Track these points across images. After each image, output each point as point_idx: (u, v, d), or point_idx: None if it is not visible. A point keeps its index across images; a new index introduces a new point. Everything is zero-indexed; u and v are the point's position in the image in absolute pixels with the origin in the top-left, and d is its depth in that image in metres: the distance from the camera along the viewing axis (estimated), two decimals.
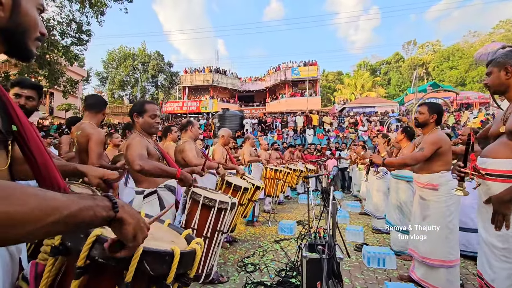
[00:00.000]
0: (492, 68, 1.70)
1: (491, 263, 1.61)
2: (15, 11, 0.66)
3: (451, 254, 2.39)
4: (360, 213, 6.08)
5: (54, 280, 0.72)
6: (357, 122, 16.76)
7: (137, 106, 2.12)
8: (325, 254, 1.59)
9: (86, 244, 0.65)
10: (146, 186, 2.03)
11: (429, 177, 2.51)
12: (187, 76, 29.98)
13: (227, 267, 3.05)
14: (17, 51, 0.72)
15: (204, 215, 1.97)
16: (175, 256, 0.71)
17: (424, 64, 38.38)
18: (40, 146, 0.76)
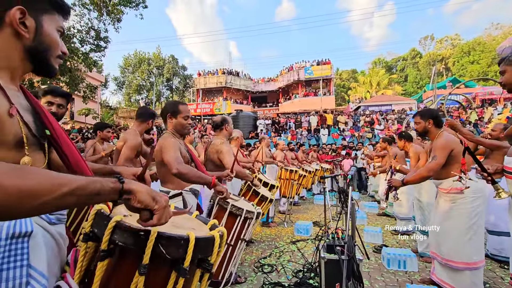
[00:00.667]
0: (505, 67, 1.66)
1: None
2: (38, 32, 0.76)
3: (476, 256, 2.29)
4: (378, 214, 5.94)
5: (90, 264, 0.79)
6: (373, 121, 16.37)
7: (171, 106, 2.14)
8: (345, 255, 1.56)
9: (107, 229, 0.71)
10: (172, 187, 2.04)
11: (451, 182, 2.39)
12: (201, 78, 30.38)
13: (244, 268, 3.06)
14: (42, 68, 0.82)
15: (230, 223, 1.93)
16: (190, 240, 0.74)
17: (443, 59, 37.03)
18: (71, 147, 0.86)
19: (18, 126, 0.72)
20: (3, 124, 0.68)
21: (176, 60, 33.65)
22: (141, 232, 0.71)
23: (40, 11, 0.77)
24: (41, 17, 0.77)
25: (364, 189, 9.50)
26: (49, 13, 0.80)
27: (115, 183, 0.64)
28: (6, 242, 0.71)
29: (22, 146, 0.73)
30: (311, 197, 8.30)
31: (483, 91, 18.34)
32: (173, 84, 34.17)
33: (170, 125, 2.12)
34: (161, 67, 32.78)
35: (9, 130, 0.70)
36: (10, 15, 0.71)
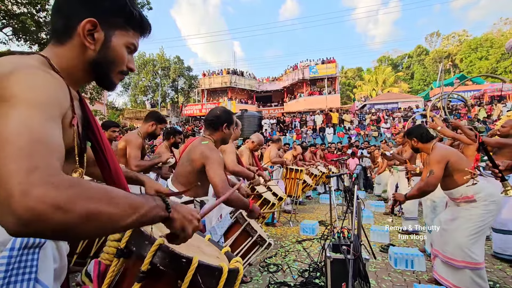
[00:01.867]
0: None
1: None
2: (104, 46, 0.75)
3: (477, 256, 2.27)
4: (385, 213, 5.88)
5: (113, 280, 0.78)
6: (379, 119, 16.22)
7: (228, 116, 2.00)
8: (351, 255, 1.55)
9: (150, 251, 0.71)
10: (188, 194, 1.92)
11: (461, 190, 2.38)
12: (206, 79, 30.48)
13: (250, 268, 3.06)
14: (101, 81, 0.81)
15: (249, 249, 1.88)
16: (223, 272, 0.75)
17: (450, 56, 36.47)
18: (113, 155, 0.88)
19: (72, 136, 0.72)
20: (64, 134, 0.67)
21: (182, 61, 33.85)
22: (183, 259, 0.71)
23: (114, 26, 0.76)
24: (113, 31, 0.76)
25: (370, 188, 9.41)
26: (123, 29, 0.78)
27: (165, 212, 0.65)
28: (19, 253, 0.71)
29: (73, 157, 0.74)
30: (316, 196, 8.26)
31: (492, 88, 17.98)
32: (178, 85, 34.38)
33: (219, 135, 1.99)
34: (166, 68, 32.99)
35: (66, 140, 0.69)
36: (81, 26, 0.71)
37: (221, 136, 2.00)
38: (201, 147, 1.84)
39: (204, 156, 1.78)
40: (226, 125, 1.98)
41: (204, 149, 1.81)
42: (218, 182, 1.72)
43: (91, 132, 0.84)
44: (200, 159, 1.80)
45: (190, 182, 1.89)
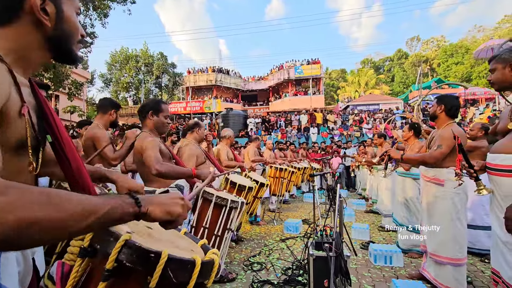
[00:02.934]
0: (496, 65, 1.68)
1: (509, 261, 1.58)
2: (59, 18, 0.69)
3: (460, 253, 2.36)
4: (366, 211, 6.05)
5: (78, 281, 0.74)
6: (362, 120, 16.65)
7: (153, 104, 2.11)
8: (332, 252, 1.59)
9: (115, 248, 0.67)
10: (157, 186, 2.02)
11: (436, 172, 2.46)
12: (190, 76, 30.06)
13: (233, 266, 3.06)
14: (64, 56, 0.76)
15: (216, 214, 1.98)
16: (196, 265, 0.73)
17: (428, 60, 37.98)
18: (75, 152, 0.81)
19: (24, 127, 0.67)
20: (13, 125, 0.63)
21: (165, 58, 33.16)
22: (152, 253, 0.68)
23: None
24: (60, 0, 0.70)
25: (352, 187, 9.65)
26: None
27: (134, 208, 0.62)
28: None
29: (25, 150, 0.68)
30: (300, 195, 8.37)
31: (466, 92, 18.92)
32: (162, 82, 33.68)
33: (150, 123, 2.09)
34: (150, 65, 32.22)
35: (16, 132, 0.64)
36: (30, 1, 0.64)
37: (152, 124, 2.07)
38: (137, 141, 1.98)
39: (139, 145, 1.92)
40: (152, 112, 2.03)
41: (139, 140, 1.95)
42: (149, 161, 1.82)
43: (47, 124, 0.77)
44: (139, 150, 1.93)
45: (150, 175, 1.96)
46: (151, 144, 1.92)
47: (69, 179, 0.80)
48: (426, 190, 2.59)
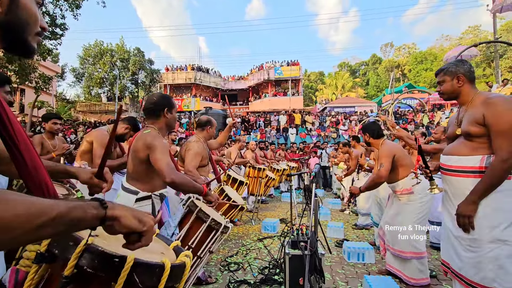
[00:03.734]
0: (444, 77, 1.82)
1: (459, 253, 1.71)
2: (13, 5, 0.63)
3: (421, 246, 2.56)
4: (341, 210, 6.24)
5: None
6: (338, 122, 17.15)
7: (167, 100, 1.94)
8: (307, 250, 1.62)
9: (75, 253, 0.62)
10: (142, 188, 1.83)
11: (401, 184, 2.66)
12: (169, 74, 29.38)
13: (210, 267, 3.03)
14: (17, 47, 0.69)
15: (205, 236, 1.85)
16: (165, 269, 0.70)
17: (400, 66, 39.89)
18: (31, 148, 0.74)
19: None
20: None
21: (142, 53, 32.06)
22: (116, 258, 0.64)
23: None
24: None
25: (328, 187, 9.91)
26: None
27: (98, 210, 0.57)
28: None
29: None
30: (278, 195, 8.46)
31: (434, 97, 20.12)
32: (138, 78, 32.56)
33: (162, 121, 1.91)
34: (125, 60, 31.00)
35: None
36: None
37: (164, 122, 1.90)
38: (143, 136, 1.77)
39: (147, 145, 1.72)
40: (167, 110, 1.89)
41: (147, 138, 1.75)
42: (163, 167, 1.65)
43: None
44: (144, 149, 1.74)
45: (142, 174, 1.82)
46: (163, 147, 1.74)
47: (24, 178, 0.74)
48: (397, 197, 2.76)
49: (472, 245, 1.64)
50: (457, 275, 1.73)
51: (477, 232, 1.62)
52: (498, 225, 1.57)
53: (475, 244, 1.63)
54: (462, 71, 1.76)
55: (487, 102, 1.63)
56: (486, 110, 1.60)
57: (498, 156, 1.53)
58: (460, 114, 1.81)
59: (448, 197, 1.84)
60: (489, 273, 1.57)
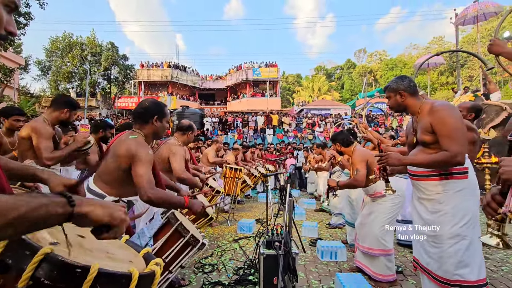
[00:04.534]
0: (389, 93, 1.99)
1: (426, 249, 1.86)
2: None
3: (389, 244, 2.68)
4: (316, 210, 6.39)
5: None
6: (314, 123, 17.57)
7: (158, 108, 1.83)
8: (281, 250, 1.64)
9: (31, 263, 0.57)
10: (110, 192, 1.72)
11: (374, 187, 2.78)
12: (144, 70, 28.46)
13: (184, 270, 2.96)
14: None
15: (181, 251, 1.76)
16: (132, 279, 0.66)
17: (372, 71, 41.73)
18: None
19: None
20: None
21: (116, 48, 30.69)
22: (78, 268, 0.59)
23: None
24: None
25: (304, 187, 10.10)
26: None
27: (65, 207, 0.53)
28: None
29: None
30: (255, 195, 8.48)
31: None
32: (111, 74, 31.14)
33: (150, 128, 1.80)
34: (97, 54, 29.49)
35: None
36: None
37: (152, 129, 1.80)
38: (128, 141, 1.65)
39: (131, 153, 1.61)
40: (157, 118, 1.79)
41: (132, 145, 1.63)
42: (143, 184, 1.55)
43: None
44: (127, 156, 1.62)
45: (115, 180, 1.70)
46: (148, 160, 1.63)
47: None
48: (370, 198, 2.89)
49: (436, 241, 1.78)
50: (425, 270, 1.87)
51: (439, 229, 1.76)
52: (457, 222, 1.72)
53: (438, 240, 1.77)
54: (402, 87, 1.93)
55: (431, 110, 1.79)
56: (431, 118, 1.77)
57: (448, 152, 1.68)
58: (414, 123, 1.97)
59: (417, 199, 1.98)
60: (450, 266, 1.72)
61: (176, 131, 2.99)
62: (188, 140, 2.96)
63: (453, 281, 1.71)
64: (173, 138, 2.91)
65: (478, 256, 1.75)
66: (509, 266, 3.08)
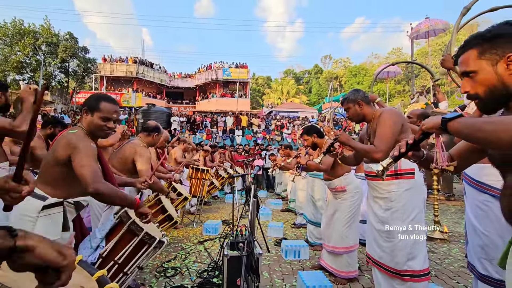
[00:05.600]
0: (348, 104, 2.17)
1: (380, 244, 2.03)
2: None
3: (352, 241, 2.83)
4: (282, 210, 6.52)
5: None
6: (283, 125, 17.94)
7: (92, 101, 1.66)
8: (244, 251, 1.65)
9: None
10: (52, 194, 1.53)
11: (337, 181, 2.92)
12: (106, 65, 26.85)
13: (144, 274, 2.84)
14: None
15: (135, 251, 1.64)
16: None
17: (337, 77, 43.76)
18: None
19: None
20: None
21: (76, 39, 28.52)
22: None
23: None
24: None
25: (272, 188, 10.25)
26: None
27: (5, 239, 0.46)
28: None
29: None
30: (223, 196, 8.42)
31: None
32: (69, 66, 28.86)
33: (85, 122, 1.65)
34: (54, 45, 27.14)
35: None
36: None
37: (86, 124, 1.64)
38: (68, 136, 1.54)
39: (70, 146, 1.49)
40: (86, 110, 1.64)
41: (72, 139, 1.51)
42: (87, 173, 1.41)
43: None
44: (66, 149, 1.50)
45: (57, 178, 1.55)
46: (89, 150, 1.50)
47: None
48: (332, 195, 3.02)
49: (389, 236, 1.97)
50: (377, 263, 2.05)
51: (391, 225, 1.96)
52: (407, 218, 1.94)
53: (390, 235, 1.96)
54: (359, 98, 2.13)
55: (378, 116, 2.02)
56: (377, 122, 2.00)
57: (374, 147, 1.91)
58: (368, 129, 2.18)
59: (371, 198, 2.15)
60: (401, 258, 1.92)
61: (141, 131, 2.87)
62: (153, 142, 2.85)
63: (403, 271, 1.91)
64: (138, 139, 2.78)
65: (423, 248, 1.97)
66: (451, 259, 3.42)
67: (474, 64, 0.91)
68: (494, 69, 0.88)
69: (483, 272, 1.74)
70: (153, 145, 2.93)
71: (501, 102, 0.91)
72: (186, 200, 3.93)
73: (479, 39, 0.91)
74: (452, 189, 8.04)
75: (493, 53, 0.88)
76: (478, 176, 1.90)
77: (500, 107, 0.94)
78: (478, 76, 0.90)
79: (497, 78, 0.87)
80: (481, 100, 0.93)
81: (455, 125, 0.85)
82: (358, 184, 2.97)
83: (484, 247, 1.73)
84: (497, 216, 1.76)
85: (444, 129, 0.89)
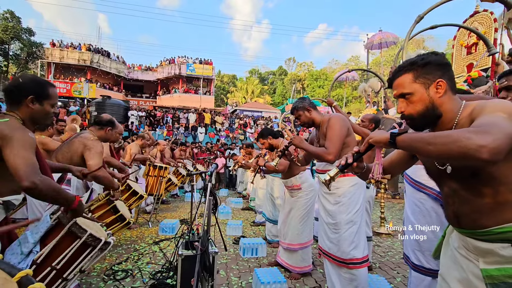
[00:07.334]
0: (298, 112, 2.36)
1: (329, 236, 2.23)
2: None
3: (306, 237, 2.94)
4: (243, 209, 6.55)
5: None
6: (246, 124, 18.02)
7: (36, 87, 1.46)
8: (198, 250, 1.62)
9: None
10: None
11: (293, 180, 3.01)
12: (56, 50, 24.31)
13: (90, 278, 2.65)
14: None
15: (77, 255, 1.49)
16: None
17: (301, 80, 45.28)
18: None
19: None
20: None
21: (18, 19, 25.37)
22: None
23: None
24: None
25: (233, 186, 10.25)
26: None
27: None
28: None
29: None
30: (182, 195, 8.19)
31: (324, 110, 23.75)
32: (10, 49, 25.60)
33: (25, 111, 1.45)
34: None
35: None
36: None
37: (28, 113, 1.46)
38: (3, 127, 1.35)
39: (2, 136, 1.32)
40: (34, 98, 1.45)
41: (4, 129, 1.33)
42: (22, 166, 1.25)
43: None
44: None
45: None
46: (25, 140, 1.33)
47: None
48: (288, 193, 3.10)
49: (336, 228, 2.18)
50: (327, 254, 2.23)
51: (338, 218, 2.17)
52: (351, 210, 2.16)
53: (337, 227, 2.17)
54: (307, 104, 2.33)
55: (327, 120, 2.22)
56: (326, 126, 2.20)
57: (325, 149, 2.11)
58: (317, 133, 2.38)
59: (322, 194, 2.32)
60: (346, 248, 2.13)
61: (93, 124, 2.66)
62: (106, 136, 2.65)
63: (348, 259, 2.13)
64: (88, 132, 2.57)
65: (363, 238, 2.22)
66: (394, 251, 3.76)
67: (410, 87, 1.01)
68: (427, 91, 0.99)
69: (416, 262, 1.98)
70: (106, 141, 2.73)
71: (430, 122, 1.03)
72: (142, 199, 3.75)
73: (414, 65, 1.01)
74: (397, 188, 8.83)
75: (426, 78, 0.99)
76: (416, 176, 2.13)
77: (428, 126, 1.06)
78: (414, 97, 1.01)
79: (429, 99, 0.99)
80: (413, 119, 1.04)
81: (404, 139, 0.92)
82: (313, 182, 3.11)
83: (418, 240, 1.95)
84: (430, 213, 2.00)
85: (393, 143, 0.95)
